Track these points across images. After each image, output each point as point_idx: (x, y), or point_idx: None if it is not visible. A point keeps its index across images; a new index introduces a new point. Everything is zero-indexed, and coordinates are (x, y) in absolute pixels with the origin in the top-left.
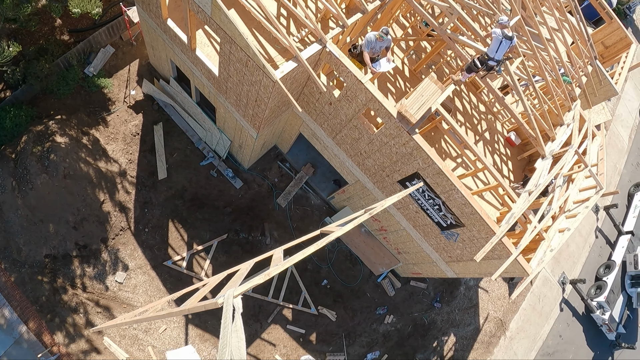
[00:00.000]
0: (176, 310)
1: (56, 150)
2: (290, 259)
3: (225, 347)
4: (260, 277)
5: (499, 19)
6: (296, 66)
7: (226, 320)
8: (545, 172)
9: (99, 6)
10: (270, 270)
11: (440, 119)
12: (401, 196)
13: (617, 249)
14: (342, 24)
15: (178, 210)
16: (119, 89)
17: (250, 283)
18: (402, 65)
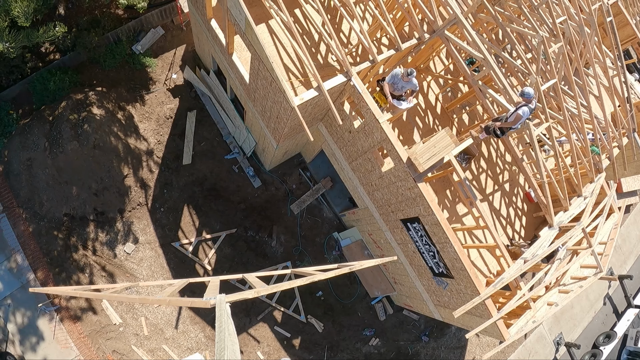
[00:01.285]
0: (153, 298)
1: (91, 121)
2: (279, 285)
3: (223, 349)
4: (250, 292)
5: (525, 92)
6: (317, 95)
7: (221, 324)
8: (547, 243)
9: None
10: (259, 289)
11: (452, 170)
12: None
13: (622, 321)
14: (372, 59)
15: (195, 197)
16: (161, 70)
17: (241, 295)
18: (436, 101)
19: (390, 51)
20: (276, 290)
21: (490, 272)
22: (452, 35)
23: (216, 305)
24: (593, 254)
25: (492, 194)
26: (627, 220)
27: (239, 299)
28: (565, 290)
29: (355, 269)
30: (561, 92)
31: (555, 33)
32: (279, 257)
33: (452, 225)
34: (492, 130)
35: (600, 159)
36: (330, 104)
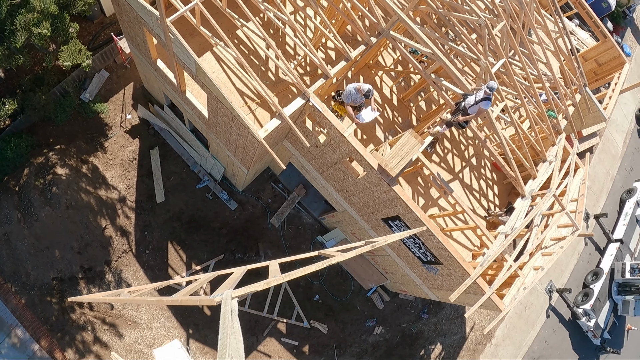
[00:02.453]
0: (167, 298)
1: (57, 183)
2: (291, 273)
3: (225, 347)
4: (259, 284)
5: (490, 86)
6: (280, 123)
7: (225, 321)
8: (523, 214)
9: (89, 57)
10: (270, 280)
11: (421, 165)
12: (403, 236)
13: (606, 257)
14: (325, 75)
15: (176, 232)
16: (115, 113)
17: (249, 288)
18: (391, 93)
19: (341, 63)
20: (288, 279)
21: (474, 245)
22: (398, 35)
23: (222, 301)
24: (567, 215)
25: (461, 171)
26: (593, 161)
27: (247, 292)
28: (548, 252)
29: (381, 244)
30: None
31: (497, 12)
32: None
33: (430, 211)
34: (454, 124)
35: (557, 121)
36: (294, 130)
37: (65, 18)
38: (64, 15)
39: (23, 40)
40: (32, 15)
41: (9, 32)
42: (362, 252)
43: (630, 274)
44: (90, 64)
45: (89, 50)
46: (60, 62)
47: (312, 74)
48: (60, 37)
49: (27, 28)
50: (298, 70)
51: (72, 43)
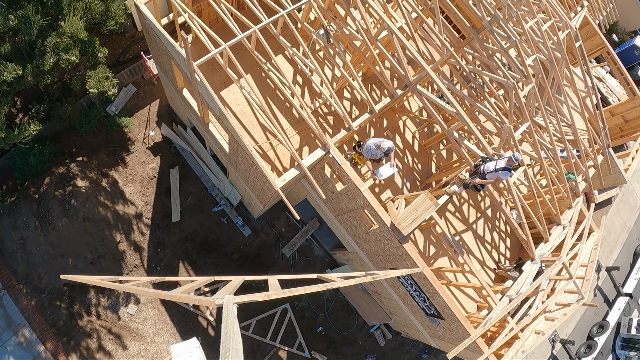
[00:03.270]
0: (165, 293)
1: (77, 195)
2: (293, 289)
3: (228, 350)
4: (259, 295)
5: (515, 156)
6: (298, 173)
7: (227, 324)
8: (530, 279)
9: (115, 86)
10: (270, 292)
11: (434, 223)
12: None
13: (614, 310)
14: (347, 127)
15: (189, 252)
16: (138, 128)
17: (250, 297)
18: (413, 139)
19: (365, 115)
20: (289, 294)
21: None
22: (424, 90)
23: (223, 305)
24: (574, 285)
25: (476, 222)
26: (610, 211)
27: (247, 301)
28: (551, 317)
29: (381, 277)
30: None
31: (526, 74)
32: (276, 300)
33: (440, 261)
34: (470, 186)
35: (576, 183)
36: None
37: (95, 42)
38: (93, 40)
39: (51, 63)
40: (61, 40)
41: (39, 51)
42: (362, 282)
43: (636, 330)
44: (115, 93)
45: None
46: (87, 88)
47: (336, 114)
48: (89, 62)
49: (56, 51)
50: (322, 109)
51: (100, 69)
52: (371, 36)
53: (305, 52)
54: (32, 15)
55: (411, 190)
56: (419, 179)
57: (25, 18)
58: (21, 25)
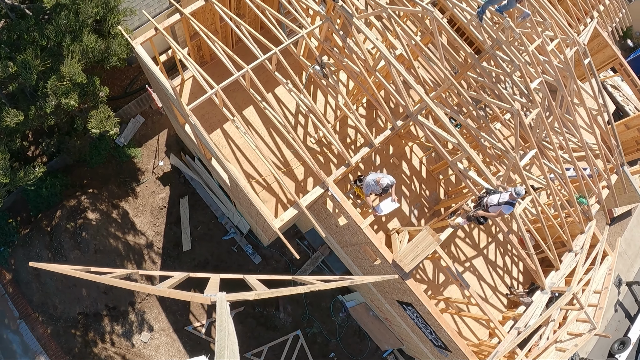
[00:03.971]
0: (153, 288)
1: (88, 228)
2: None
3: (223, 349)
4: (250, 293)
5: (517, 192)
6: (297, 212)
7: (222, 323)
8: (539, 310)
9: (116, 125)
10: (260, 291)
11: (439, 257)
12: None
13: (635, 325)
14: (347, 163)
15: (200, 281)
16: (148, 159)
17: (242, 295)
18: (420, 165)
19: (364, 149)
20: (277, 295)
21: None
22: (425, 120)
23: (217, 302)
24: (586, 315)
25: (487, 247)
26: (630, 224)
27: (239, 299)
28: (562, 348)
29: (356, 282)
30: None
31: (532, 98)
32: (288, 327)
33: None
34: (473, 219)
35: (589, 207)
36: (312, 222)
37: (96, 82)
38: (94, 80)
39: (53, 106)
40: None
41: (42, 93)
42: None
43: None
44: (117, 132)
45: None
46: (89, 128)
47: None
48: (90, 102)
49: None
50: (326, 139)
51: (101, 108)
52: (369, 66)
53: (301, 89)
54: (32, 59)
55: (419, 217)
56: (427, 206)
57: (25, 63)
58: (21, 71)
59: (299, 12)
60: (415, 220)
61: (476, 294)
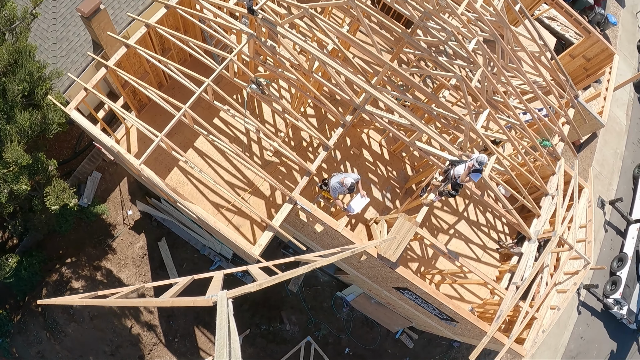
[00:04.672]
0: (156, 300)
1: None
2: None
3: (222, 347)
4: (251, 285)
5: (480, 161)
6: (273, 234)
7: (222, 321)
8: (531, 261)
9: (74, 197)
10: (261, 281)
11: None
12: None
13: (628, 240)
14: (307, 172)
15: (200, 316)
16: (116, 212)
17: (243, 289)
18: (381, 148)
19: (322, 154)
20: (278, 280)
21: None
22: (374, 109)
23: (218, 301)
24: (577, 253)
25: (465, 209)
26: (598, 145)
27: (240, 294)
28: (563, 289)
29: (358, 250)
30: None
31: (472, 60)
32: (298, 336)
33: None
34: (445, 193)
35: (554, 147)
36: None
37: (42, 159)
38: (39, 157)
39: (6, 194)
40: (8, 170)
41: None
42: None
43: None
44: (77, 203)
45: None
46: (48, 206)
47: (298, 147)
48: (42, 179)
49: (7, 182)
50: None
51: (55, 182)
52: (305, 69)
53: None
54: None
55: (393, 199)
56: (397, 187)
57: None
58: None
59: (222, 34)
60: (390, 203)
61: (467, 261)
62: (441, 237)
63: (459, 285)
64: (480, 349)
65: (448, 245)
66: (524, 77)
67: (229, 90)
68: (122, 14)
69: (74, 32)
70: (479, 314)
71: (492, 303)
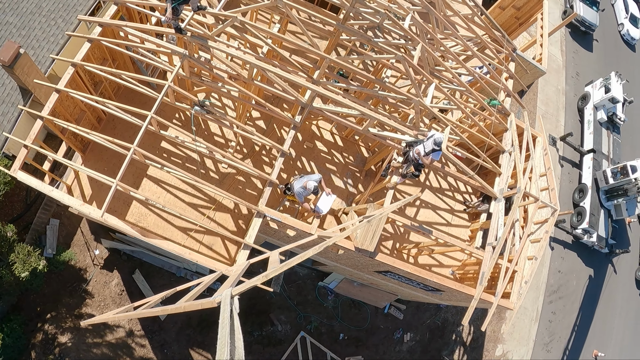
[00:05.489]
0: (171, 307)
1: (68, 351)
2: (289, 261)
3: (224, 346)
4: (258, 278)
5: (437, 142)
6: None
7: (224, 320)
8: (502, 220)
9: (40, 259)
10: (268, 272)
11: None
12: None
13: (584, 171)
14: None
15: (192, 338)
16: (83, 255)
17: (250, 283)
18: (333, 136)
19: (279, 161)
20: (287, 267)
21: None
22: (323, 105)
23: (222, 300)
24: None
25: (427, 178)
26: (540, 85)
27: (247, 288)
28: (536, 239)
29: (374, 218)
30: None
31: (410, 37)
32: (291, 334)
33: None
34: (409, 175)
35: (502, 105)
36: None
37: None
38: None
39: None
40: None
41: None
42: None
43: (612, 179)
44: (46, 265)
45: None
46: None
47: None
48: (3, 247)
49: None
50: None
51: (18, 248)
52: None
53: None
54: None
55: (355, 184)
56: (357, 170)
57: None
58: None
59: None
60: (353, 188)
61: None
62: (409, 210)
63: (437, 253)
64: (470, 313)
65: (417, 217)
66: (461, 41)
67: (170, 111)
68: (44, 52)
69: None
70: (460, 276)
71: (471, 263)
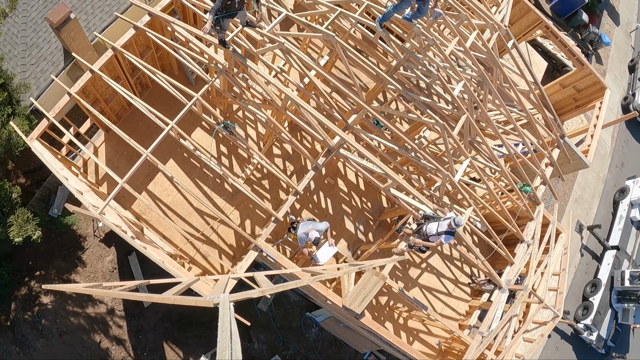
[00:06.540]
0: (157, 296)
1: (45, 313)
2: (284, 285)
3: (225, 349)
4: (254, 291)
5: (456, 223)
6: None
7: (224, 323)
8: (500, 312)
9: (37, 229)
10: (264, 288)
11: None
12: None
13: (603, 266)
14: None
15: (169, 332)
16: (86, 223)
17: (246, 294)
18: (357, 177)
19: (290, 199)
20: (282, 289)
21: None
22: (349, 154)
23: (220, 304)
24: (546, 305)
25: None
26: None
27: (243, 298)
28: (530, 339)
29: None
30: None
31: (456, 105)
32: (265, 355)
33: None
34: (414, 248)
35: (534, 193)
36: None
37: (5, 185)
38: (2, 185)
39: None
40: None
41: None
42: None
43: (629, 282)
44: (40, 235)
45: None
46: (11, 238)
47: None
48: (5, 207)
49: None
50: (255, 175)
51: (18, 212)
52: (278, 106)
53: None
54: None
55: (366, 232)
56: (371, 219)
57: None
58: None
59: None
60: (363, 236)
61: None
62: (413, 271)
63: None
64: None
65: (419, 279)
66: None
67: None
68: (96, 20)
69: (45, 39)
70: (446, 349)
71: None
